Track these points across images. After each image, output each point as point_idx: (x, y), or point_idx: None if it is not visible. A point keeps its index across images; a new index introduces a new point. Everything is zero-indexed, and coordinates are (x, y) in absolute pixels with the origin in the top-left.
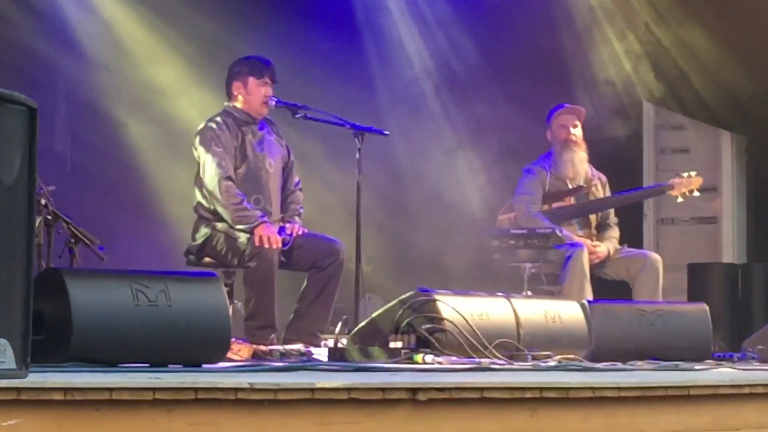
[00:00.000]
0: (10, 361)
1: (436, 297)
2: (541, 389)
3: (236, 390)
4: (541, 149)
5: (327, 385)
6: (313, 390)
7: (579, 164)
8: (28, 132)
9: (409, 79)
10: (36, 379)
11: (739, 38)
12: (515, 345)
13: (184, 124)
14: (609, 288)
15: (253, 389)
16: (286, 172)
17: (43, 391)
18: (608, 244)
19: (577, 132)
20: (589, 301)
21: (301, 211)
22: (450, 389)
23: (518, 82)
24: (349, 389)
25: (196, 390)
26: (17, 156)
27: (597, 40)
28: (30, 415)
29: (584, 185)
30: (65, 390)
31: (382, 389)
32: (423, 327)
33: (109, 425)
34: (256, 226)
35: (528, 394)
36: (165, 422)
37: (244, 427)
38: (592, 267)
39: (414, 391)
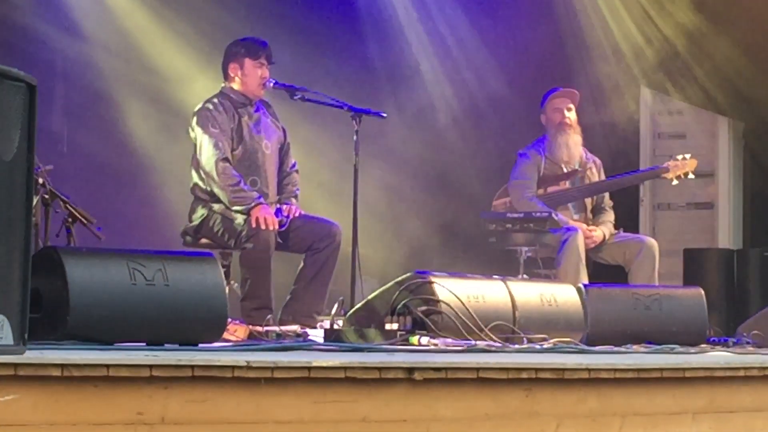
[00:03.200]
0: (7, 338)
1: (433, 279)
2: (537, 370)
3: (233, 368)
4: (538, 132)
5: (324, 364)
6: (309, 368)
7: (573, 148)
8: (27, 109)
9: (406, 60)
10: (33, 355)
11: (738, 23)
12: (511, 327)
13: (180, 105)
14: (605, 272)
15: (249, 367)
16: (283, 153)
17: (40, 367)
18: (604, 228)
19: (572, 115)
20: (585, 285)
21: (298, 192)
22: (446, 369)
23: (515, 65)
24: (345, 368)
25: (192, 367)
26: (16, 132)
27: (595, 23)
28: (27, 390)
29: (579, 169)
30: (62, 366)
31: (379, 368)
32: (419, 309)
33: (106, 401)
34: (252, 208)
35: (524, 375)
36: (162, 399)
37: (241, 404)
38: (588, 251)
39: (410, 370)
